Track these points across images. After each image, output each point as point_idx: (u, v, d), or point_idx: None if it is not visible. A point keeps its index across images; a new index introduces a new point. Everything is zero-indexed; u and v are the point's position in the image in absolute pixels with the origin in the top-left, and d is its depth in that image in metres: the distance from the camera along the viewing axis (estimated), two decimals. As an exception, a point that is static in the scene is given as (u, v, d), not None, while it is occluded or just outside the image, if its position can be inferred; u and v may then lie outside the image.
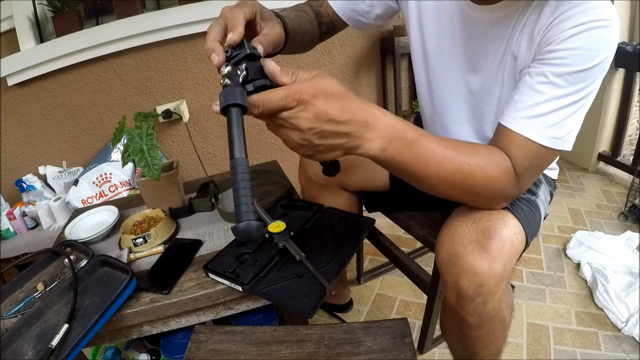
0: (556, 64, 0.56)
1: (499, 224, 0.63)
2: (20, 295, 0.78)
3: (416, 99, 1.90)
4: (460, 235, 0.63)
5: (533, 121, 0.57)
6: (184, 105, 1.63)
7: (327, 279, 0.68)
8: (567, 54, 0.55)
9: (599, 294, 1.22)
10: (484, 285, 0.59)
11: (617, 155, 1.91)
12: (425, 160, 0.54)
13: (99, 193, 1.45)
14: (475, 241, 0.61)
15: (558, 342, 1.12)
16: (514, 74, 0.65)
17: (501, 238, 0.62)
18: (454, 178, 0.56)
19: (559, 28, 0.55)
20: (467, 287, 0.60)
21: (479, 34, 0.67)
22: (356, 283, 1.42)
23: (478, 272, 0.59)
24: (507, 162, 0.59)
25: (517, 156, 0.59)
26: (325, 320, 1.27)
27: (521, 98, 0.59)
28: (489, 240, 0.61)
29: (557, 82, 0.56)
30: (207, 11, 1.48)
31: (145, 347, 1.05)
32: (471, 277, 0.60)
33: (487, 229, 0.62)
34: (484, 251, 0.60)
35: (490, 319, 0.64)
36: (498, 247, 0.61)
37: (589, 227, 1.59)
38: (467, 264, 0.60)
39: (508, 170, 0.58)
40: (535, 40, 0.59)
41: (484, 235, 0.61)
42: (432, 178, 0.56)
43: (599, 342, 1.10)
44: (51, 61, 1.43)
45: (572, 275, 1.36)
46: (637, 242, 1.40)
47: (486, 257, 0.59)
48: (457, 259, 0.61)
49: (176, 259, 0.83)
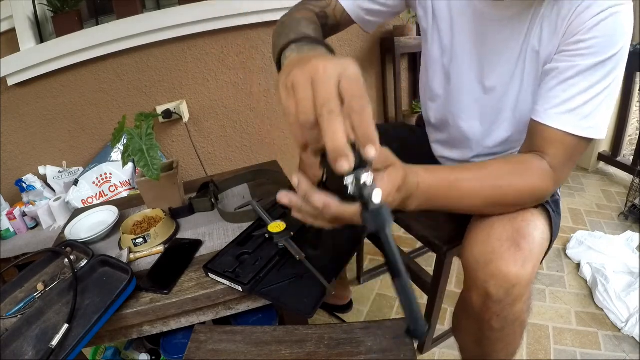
0: (585, 54, 0.56)
1: (531, 226, 0.62)
2: (20, 295, 0.78)
3: (416, 99, 1.90)
4: (497, 231, 0.61)
5: (569, 115, 0.58)
6: (184, 105, 1.63)
7: (327, 279, 0.68)
8: (595, 42, 0.55)
9: (599, 294, 1.22)
10: (515, 287, 0.58)
11: (617, 155, 1.91)
12: (459, 198, 0.59)
13: (99, 193, 1.45)
14: (511, 239, 0.60)
15: (558, 342, 1.12)
16: (537, 68, 0.65)
17: (533, 239, 0.61)
18: (488, 203, 0.60)
19: (582, 17, 0.56)
20: (497, 289, 0.59)
21: (493, 31, 0.67)
22: (356, 283, 1.42)
23: (512, 274, 0.58)
24: (542, 166, 0.60)
25: (555, 153, 0.60)
26: (325, 320, 1.27)
27: (554, 93, 0.59)
28: (523, 241, 0.60)
29: (588, 73, 0.56)
30: (207, 11, 1.49)
31: (145, 347, 1.05)
32: (504, 279, 0.58)
33: (521, 228, 0.61)
34: (519, 251, 0.59)
35: (512, 322, 0.63)
36: (531, 248, 0.60)
37: (589, 227, 1.59)
38: (501, 265, 0.58)
39: (543, 174, 0.60)
40: (560, 32, 0.59)
41: (519, 234, 0.60)
42: (468, 208, 0.62)
43: (599, 342, 1.10)
44: (51, 61, 1.43)
45: (572, 275, 1.36)
46: (637, 242, 1.40)
47: (520, 259, 0.58)
48: (492, 255, 0.60)
49: (176, 259, 0.83)
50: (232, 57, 1.65)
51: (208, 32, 1.55)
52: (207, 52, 1.61)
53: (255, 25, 1.60)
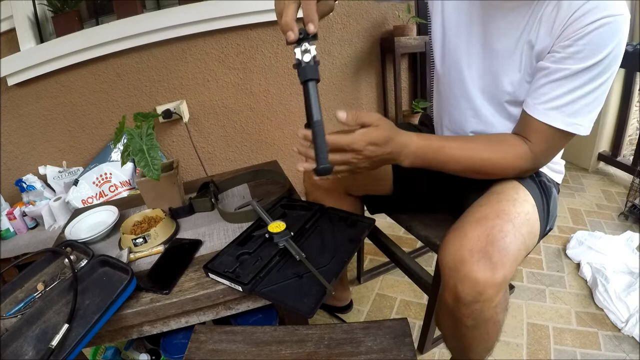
0: (575, 59, 0.62)
1: (508, 238, 0.64)
2: (20, 295, 0.78)
3: (416, 99, 1.90)
4: (470, 241, 0.64)
5: (555, 111, 0.65)
6: (184, 105, 1.63)
7: (327, 279, 0.68)
8: (584, 49, 0.60)
9: (599, 294, 1.22)
10: (483, 293, 0.62)
11: (617, 155, 1.91)
12: (444, 162, 0.71)
13: (99, 193, 1.45)
14: (482, 250, 0.62)
15: (558, 342, 1.12)
16: (531, 60, 0.69)
17: (507, 251, 0.63)
18: (468, 170, 0.72)
19: (577, 24, 0.60)
20: (466, 294, 0.63)
21: (495, 17, 0.72)
22: (356, 283, 1.42)
23: (480, 282, 0.61)
24: (522, 147, 0.70)
25: (537, 141, 0.69)
26: (325, 320, 1.27)
27: (543, 90, 0.66)
28: (495, 252, 0.62)
29: (576, 76, 0.62)
30: (207, 11, 1.49)
31: (145, 347, 1.05)
32: (472, 285, 0.62)
33: (496, 240, 0.63)
34: (489, 262, 0.61)
35: (485, 322, 0.66)
36: (502, 259, 0.62)
37: (589, 227, 1.59)
38: (471, 272, 0.62)
39: (521, 155, 0.70)
40: (555, 33, 0.64)
41: (492, 246, 0.63)
42: (451, 171, 0.73)
43: (599, 342, 1.10)
44: (51, 61, 1.43)
45: (572, 275, 1.36)
46: (637, 242, 1.40)
47: (490, 268, 0.61)
48: (461, 264, 0.63)
49: (176, 259, 0.83)
50: (232, 57, 1.65)
51: (208, 32, 1.55)
52: (207, 52, 1.61)
53: (255, 25, 1.60)
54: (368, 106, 1.95)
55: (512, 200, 0.70)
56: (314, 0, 0.57)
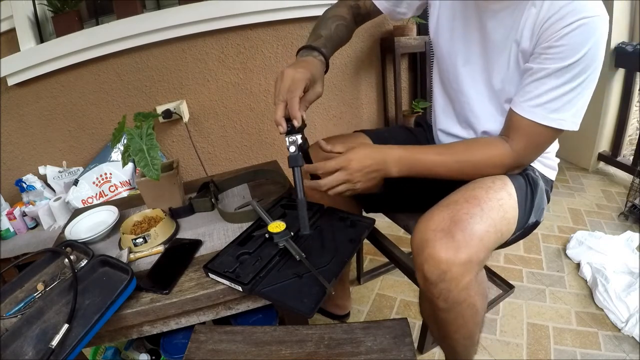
0: (554, 59, 0.65)
1: (474, 219, 0.66)
2: (20, 295, 0.78)
3: (416, 99, 1.90)
4: (434, 222, 0.67)
5: (539, 108, 0.69)
6: (184, 105, 1.63)
7: (327, 279, 0.68)
8: (563, 49, 0.64)
9: (599, 294, 1.22)
10: (447, 272, 0.63)
11: (617, 155, 1.91)
12: (428, 168, 0.77)
13: (99, 193, 1.45)
14: (445, 229, 0.65)
15: (558, 342, 1.12)
16: (517, 59, 0.73)
17: (471, 231, 0.65)
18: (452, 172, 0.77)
19: (555, 27, 0.64)
20: (431, 272, 0.65)
21: (485, 17, 0.75)
22: (356, 283, 1.42)
23: (443, 260, 0.63)
24: (501, 147, 0.74)
25: (518, 138, 0.72)
26: (325, 321, 1.27)
27: (528, 89, 0.70)
28: (459, 231, 0.64)
29: (556, 75, 0.66)
30: (207, 11, 1.49)
31: (145, 347, 1.05)
32: (436, 264, 0.64)
33: (461, 221, 0.66)
34: (452, 240, 0.64)
35: (458, 304, 0.67)
36: (466, 239, 0.64)
37: (589, 227, 1.59)
38: (433, 250, 0.64)
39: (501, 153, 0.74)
40: (535, 35, 0.68)
41: (456, 226, 0.65)
42: (438, 176, 0.77)
43: (599, 342, 1.10)
44: (51, 61, 1.43)
45: (572, 275, 1.36)
46: (637, 242, 1.40)
47: (453, 247, 0.63)
48: (426, 244, 0.65)
49: (176, 259, 0.83)
50: (232, 57, 1.65)
51: (208, 32, 1.55)
52: (207, 52, 1.61)
53: (255, 25, 1.60)
54: (368, 106, 1.95)
55: (485, 188, 0.72)
56: (297, 99, 0.69)
